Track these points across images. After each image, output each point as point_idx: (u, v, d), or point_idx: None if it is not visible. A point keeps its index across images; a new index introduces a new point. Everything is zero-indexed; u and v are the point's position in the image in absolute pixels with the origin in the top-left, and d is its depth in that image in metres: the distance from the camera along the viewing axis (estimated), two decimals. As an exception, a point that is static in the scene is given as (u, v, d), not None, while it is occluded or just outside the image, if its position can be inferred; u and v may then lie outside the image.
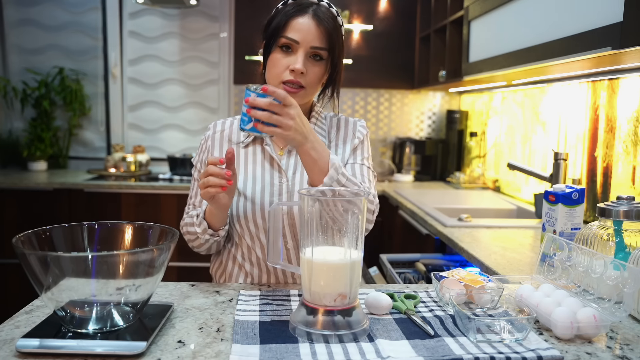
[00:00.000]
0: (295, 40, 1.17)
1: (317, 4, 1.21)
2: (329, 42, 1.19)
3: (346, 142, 1.32)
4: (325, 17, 1.19)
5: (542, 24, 1.76)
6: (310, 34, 1.17)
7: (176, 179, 3.18)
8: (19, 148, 3.46)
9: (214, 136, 1.33)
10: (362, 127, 1.35)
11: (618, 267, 1.01)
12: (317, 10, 1.19)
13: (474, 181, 3.09)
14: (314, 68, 1.20)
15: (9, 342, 0.85)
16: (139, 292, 0.87)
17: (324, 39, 1.18)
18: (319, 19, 1.18)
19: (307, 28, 1.17)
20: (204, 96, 3.66)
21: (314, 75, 1.20)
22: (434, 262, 1.88)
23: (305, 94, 1.21)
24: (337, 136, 1.33)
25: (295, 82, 1.17)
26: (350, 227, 0.90)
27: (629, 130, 1.85)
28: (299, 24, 1.17)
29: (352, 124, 1.35)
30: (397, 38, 3.62)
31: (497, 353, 0.84)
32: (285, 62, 1.18)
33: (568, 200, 1.42)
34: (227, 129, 1.34)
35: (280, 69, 1.18)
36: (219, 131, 1.34)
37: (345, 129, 1.34)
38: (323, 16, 1.19)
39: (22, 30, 3.52)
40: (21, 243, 0.86)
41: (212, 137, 1.33)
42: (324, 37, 1.18)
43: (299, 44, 1.17)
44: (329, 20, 1.20)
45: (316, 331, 0.88)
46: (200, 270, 2.99)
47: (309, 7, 1.19)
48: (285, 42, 1.18)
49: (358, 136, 1.33)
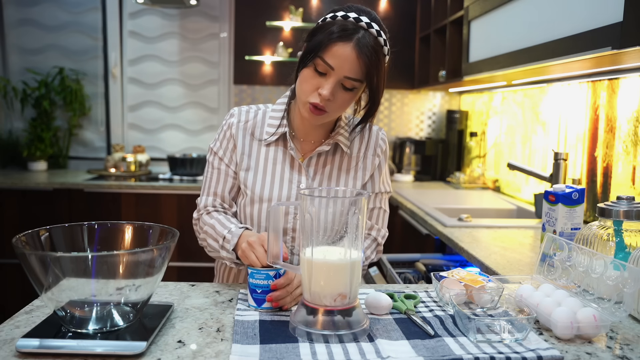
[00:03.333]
0: (330, 66, 1.11)
1: (366, 30, 1.12)
2: (366, 74, 1.13)
3: (367, 157, 1.32)
4: (368, 49, 1.11)
5: (542, 24, 1.76)
6: (347, 64, 1.11)
7: (176, 179, 3.18)
8: (19, 148, 3.46)
9: (239, 125, 1.29)
10: (383, 142, 1.34)
11: (618, 267, 1.01)
12: (362, 40, 1.11)
13: (474, 181, 3.09)
14: (343, 95, 1.15)
15: (9, 342, 0.85)
16: (139, 292, 0.87)
17: (360, 71, 1.12)
18: (360, 50, 1.10)
19: (345, 57, 1.10)
20: (204, 96, 3.66)
21: (341, 103, 1.16)
22: (434, 262, 1.88)
23: (328, 116, 1.18)
24: (359, 148, 1.32)
25: (320, 106, 1.14)
26: (350, 227, 0.90)
27: (629, 130, 1.85)
28: (339, 50, 1.10)
29: (375, 135, 1.34)
30: (397, 38, 3.61)
31: (497, 353, 0.84)
32: (316, 83, 1.14)
33: (568, 200, 1.42)
34: (251, 120, 1.30)
35: (309, 88, 1.14)
36: (243, 121, 1.30)
37: (368, 141, 1.33)
38: (366, 47, 1.11)
39: (22, 30, 3.52)
40: (21, 243, 0.86)
41: (237, 126, 1.29)
42: (360, 70, 1.12)
43: (334, 70, 1.11)
44: (371, 52, 1.11)
45: (316, 331, 0.88)
46: (200, 270, 2.99)
47: (354, 35, 1.10)
48: (320, 63, 1.12)
49: (378, 153, 1.33)
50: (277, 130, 1.27)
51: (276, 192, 1.25)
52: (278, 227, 0.96)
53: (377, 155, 1.33)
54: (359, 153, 1.31)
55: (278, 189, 1.26)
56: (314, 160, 1.28)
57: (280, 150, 1.28)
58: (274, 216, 0.96)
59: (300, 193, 0.93)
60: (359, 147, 1.32)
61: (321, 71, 1.13)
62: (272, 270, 1.01)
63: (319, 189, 1.07)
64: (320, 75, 1.13)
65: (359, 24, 1.11)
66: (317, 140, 1.30)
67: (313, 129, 1.28)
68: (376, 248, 1.35)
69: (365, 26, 1.11)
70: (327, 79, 1.13)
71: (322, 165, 1.29)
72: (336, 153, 1.30)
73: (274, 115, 1.29)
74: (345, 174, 1.30)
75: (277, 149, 1.28)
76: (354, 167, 1.31)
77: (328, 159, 1.29)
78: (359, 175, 1.31)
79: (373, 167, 1.32)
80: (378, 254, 1.36)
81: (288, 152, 1.27)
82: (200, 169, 3.28)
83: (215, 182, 1.30)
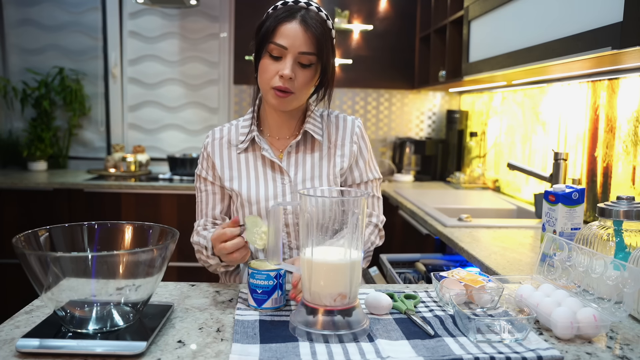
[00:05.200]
0: (283, 46, 1.18)
1: (306, 8, 1.21)
2: (317, 47, 1.20)
3: (344, 144, 1.35)
4: (314, 22, 1.19)
5: (542, 24, 1.76)
6: (298, 40, 1.18)
7: (176, 179, 3.18)
8: (19, 148, 3.45)
9: (214, 143, 1.33)
10: (358, 129, 1.37)
11: (618, 267, 1.01)
12: (306, 15, 1.19)
13: (474, 181, 3.09)
14: (302, 73, 1.21)
15: (9, 342, 0.85)
16: (139, 292, 0.87)
17: (311, 44, 1.19)
18: (306, 24, 1.18)
19: (294, 34, 1.18)
20: (204, 96, 3.66)
21: (303, 80, 1.21)
22: (434, 262, 1.87)
23: (295, 98, 1.23)
24: (336, 137, 1.35)
25: (284, 88, 1.19)
26: (350, 227, 0.90)
27: (629, 130, 1.85)
28: (287, 29, 1.18)
29: (350, 123, 1.37)
30: (397, 38, 3.62)
31: (497, 353, 0.84)
32: (275, 68, 1.20)
33: (568, 200, 1.42)
34: (226, 135, 1.34)
35: (270, 75, 1.20)
36: (217, 138, 1.34)
37: (344, 130, 1.36)
38: (311, 21, 1.19)
39: (22, 30, 3.52)
40: (21, 243, 0.86)
41: (211, 144, 1.33)
42: (311, 43, 1.19)
43: (287, 49, 1.18)
44: (317, 25, 1.20)
45: (316, 331, 0.88)
46: (200, 270, 2.99)
47: (297, 12, 1.19)
48: (273, 47, 1.19)
49: (355, 140, 1.35)
50: (247, 136, 1.31)
51: (262, 193, 1.28)
52: (278, 227, 0.96)
53: (355, 142, 1.36)
54: (336, 142, 1.35)
55: (264, 190, 1.28)
56: (292, 155, 1.31)
57: (258, 153, 1.31)
58: (274, 216, 0.96)
59: (300, 193, 0.93)
60: (335, 136, 1.35)
61: (276, 55, 1.20)
62: (273, 271, 1.01)
63: (319, 189, 1.07)
64: (276, 60, 1.20)
65: (298, 4, 1.21)
66: (291, 134, 1.34)
67: (284, 122, 1.32)
68: (379, 233, 1.39)
69: (305, 5, 1.22)
70: (284, 60, 1.19)
71: (302, 159, 1.32)
72: (314, 144, 1.33)
73: (244, 124, 1.34)
74: (326, 162, 1.33)
75: (254, 154, 1.31)
76: (333, 155, 1.34)
77: (306, 152, 1.33)
78: (338, 162, 1.33)
79: (352, 154, 1.34)
80: (381, 239, 1.40)
81: (263, 154, 1.30)
82: (200, 169, 3.28)
83: (204, 205, 1.34)
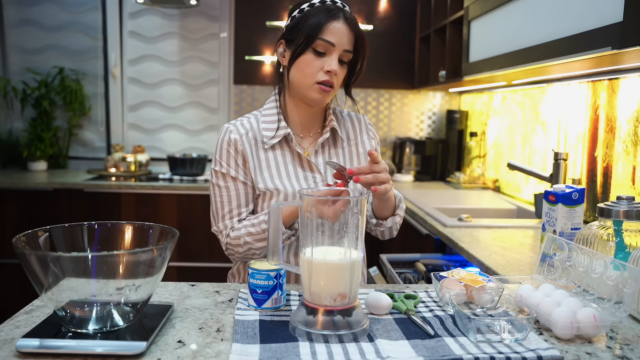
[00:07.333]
0: (331, 43, 1.21)
1: (343, 8, 1.26)
2: (356, 43, 1.26)
3: (363, 140, 1.40)
4: (354, 21, 1.25)
5: (542, 24, 1.76)
6: (344, 38, 1.23)
7: (176, 179, 3.18)
8: (19, 148, 3.45)
9: (243, 139, 1.29)
10: (370, 125, 1.43)
11: (618, 267, 1.01)
12: (347, 15, 1.24)
13: (474, 181, 3.09)
14: (342, 69, 1.26)
15: (9, 342, 0.85)
16: (139, 292, 0.87)
17: (353, 42, 1.25)
18: (349, 23, 1.23)
19: (341, 32, 1.22)
20: (204, 96, 3.66)
21: (341, 77, 1.27)
22: (434, 262, 1.87)
23: (333, 92, 1.27)
24: (354, 133, 1.39)
25: (330, 82, 1.23)
26: (350, 227, 0.90)
27: (629, 130, 1.85)
28: (334, 27, 1.22)
29: (362, 120, 1.43)
30: (397, 38, 3.62)
31: (497, 353, 0.84)
32: (319, 64, 1.23)
33: (568, 200, 1.42)
34: (250, 131, 1.31)
35: (314, 70, 1.23)
36: (244, 134, 1.30)
37: (359, 126, 1.41)
38: (352, 21, 1.25)
39: (22, 30, 3.52)
40: (21, 243, 0.86)
41: (241, 141, 1.29)
42: (353, 41, 1.25)
43: (335, 46, 1.22)
44: (357, 24, 1.26)
45: (316, 331, 0.88)
46: (201, 270, 2.99)
47: (340, 12, 1.24)
48: (320, 44, 1.21)
49: (371, 136, 1.42)
50: (278, 132, 1.29)
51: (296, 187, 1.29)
52: (279, 227, 0.96)
53: (372, 138, 1.41)
54: (356, 139, 1.39)
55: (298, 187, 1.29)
56: (319, 152, 1.33)
57: (286, 150, 1.31)
58: (274, 216, 0.96)
59: (299, 193, 0.93)
60: (354, 133, 1.39)
61: (321, 51, 1.22)
62: (273, 271, 1.01)
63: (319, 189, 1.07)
64: (320, 55, 1.23)
65: (336, 4, 1.26)
66: (315, 132, 1.35)
67: (311, 118, 1.34)
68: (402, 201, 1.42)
69: (342, 5, 1.27)
70: (330, 56, 1.23)
71: (328, 156, 1.34)
72: (336, 141, 1.36)
73: (266, 119, 1.32)
74: (352, 158, 1.36)
75: (282, 151, 1.31)
76: (356, 153, 1.37)
77: (331, 149, 1.35)
78: (362, 159, 1.37)
79: (373, 148, 1.40)
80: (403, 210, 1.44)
81: (294, 150, 1.30)
82: (201, 169, 3.28)
83: (227, 202, 1.29)
